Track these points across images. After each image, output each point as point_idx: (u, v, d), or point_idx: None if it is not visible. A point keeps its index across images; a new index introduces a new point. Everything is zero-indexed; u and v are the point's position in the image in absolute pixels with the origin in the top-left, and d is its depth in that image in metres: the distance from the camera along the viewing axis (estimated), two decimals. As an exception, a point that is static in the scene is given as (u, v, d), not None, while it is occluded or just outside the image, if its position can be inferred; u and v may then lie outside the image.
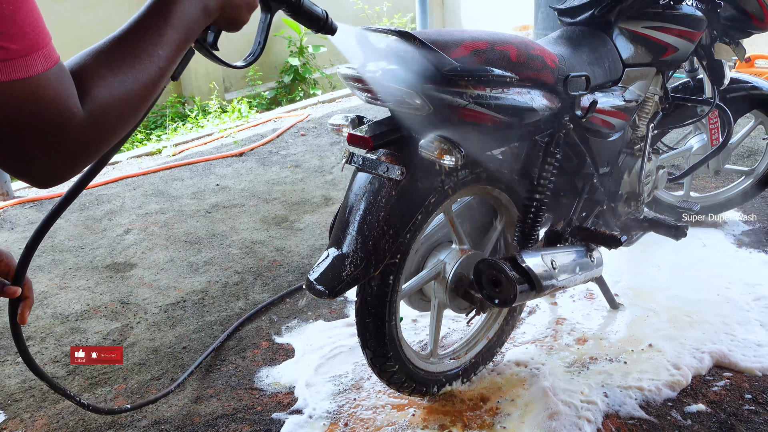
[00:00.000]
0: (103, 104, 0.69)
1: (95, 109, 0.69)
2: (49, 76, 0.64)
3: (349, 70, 1.54)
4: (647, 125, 2.16)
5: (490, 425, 1.85)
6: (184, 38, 0.80)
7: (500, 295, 1.66)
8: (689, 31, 2.09)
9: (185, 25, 0.79)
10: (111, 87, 0.70)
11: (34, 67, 0.62)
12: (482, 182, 1.72)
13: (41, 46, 0.63)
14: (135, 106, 0.74)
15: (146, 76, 0.74)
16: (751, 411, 1.87)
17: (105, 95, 0.70)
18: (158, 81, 0.76)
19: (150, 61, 0.75)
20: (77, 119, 0.67)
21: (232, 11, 0.89)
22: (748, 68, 5.03)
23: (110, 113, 0.71)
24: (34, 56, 0.62)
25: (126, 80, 0.72)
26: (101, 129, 0.70)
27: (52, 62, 0.64)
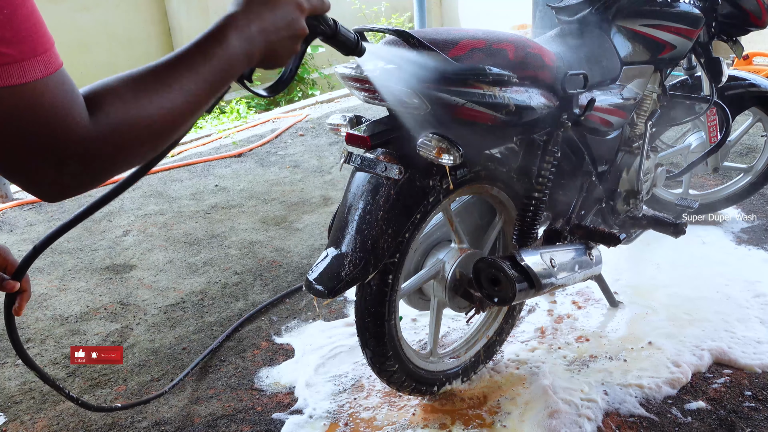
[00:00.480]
0: (116, 121, 0.67)
1: (106, 125, 0.66)
2: (47, 83, 0.61)
3: (348, 70, 1.54)
4: (645, 123, 2.16)
5: (490, 424, 1.85)
6: (221, 78, 0.78)
7: (499, 293, 1.66)
8: (687, 28, 2.09)
9: (225, 66, 0.78)
10: (128, 107, 0.68)
11: (31, 73, 0.60)
12: (481, 181, 1.72)
13: (40, 51, 0.61)
14: (153, 133, 0.71)
15: (171, 106, 0.72)
16: (751, 408, 1.87)
17: (120, 113, 0.67)
18: (185, 114, 0.74)
19: (178, 93, 0.72)
20: (82, 131, 0.64)
21: (273, 59, 0.88)
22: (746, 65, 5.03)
23: (123, 132, 0.68)
24: (32, 61, 0.60)
25: (147, 105, 0.69)
26: (112, 147, 0.67)
27: (53, 69, 0.62)
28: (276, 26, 0.85)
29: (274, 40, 0.85)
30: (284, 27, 0.86)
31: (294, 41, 0.89)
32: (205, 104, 0.77)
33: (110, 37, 5.68)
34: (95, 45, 5.57)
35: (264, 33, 0.83)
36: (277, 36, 0.85)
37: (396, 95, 1.48)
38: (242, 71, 0.83)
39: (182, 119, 0.74)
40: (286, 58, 0.90)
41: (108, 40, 5.67)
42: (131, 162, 0.72)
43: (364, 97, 1.59)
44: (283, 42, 0.87)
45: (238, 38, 0.80)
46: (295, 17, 0.87)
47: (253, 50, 0.82)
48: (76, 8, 5.50)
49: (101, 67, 5.64)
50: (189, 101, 0.73)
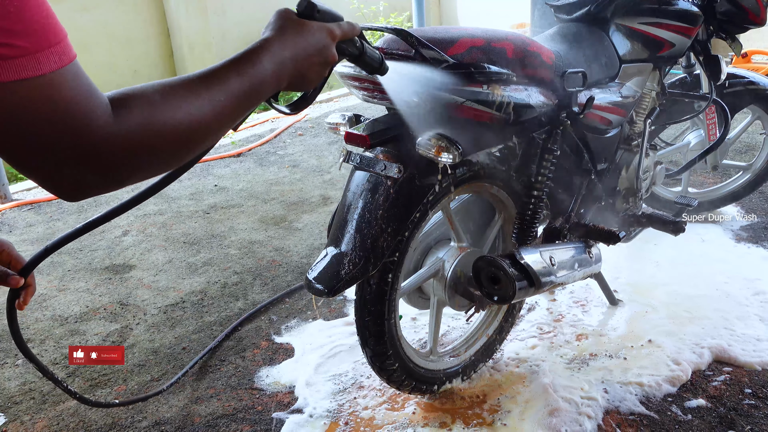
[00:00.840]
0: (141, 122, 0.66)
1: (131, 125, 0.65)
2: (64, 74, 0.59)
3: (347, 69, 1.54)
4: (644, 121, 2.16)
5: (490, 423, 1.85)
6: (250, 97, 0.80)
7: (499, 292, 1.66)
8: (686, 26, 2.09)
9: (255, 86, 0.80)
10: (155, 109, 0.67)
11: (46, 65, 0.58)
12: (480, 179, 1.72)
13: (53, 42, 0.59)
14: (177, 139, 0.70)
15: (199, 115, 0.72)
16: (751, 405, 1.87)
17: (146, 115, 0.66)
18: (211, 126, 0.74)
19: (207, 104, 0.73)
20: (103, 127, 0.62)
21: (301, 82, 0.91)
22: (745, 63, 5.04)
23: (147, 134, 0.67)
24: (46, 53, 0.58)
25: (175, 110, 0.69)
26: (136, 147, 0.66)
27: (68, 60, 0.60)
28: (308, 53, 0.88)
29: (305, 66, 0.88)
30: (316, 54, 0.89)
31: (324, 67, 0.93)
32: (231, 121, 0.78)
33: (109, 38, 5.68)
34: (94, 45, 5.57)
35: (295, 59, 0.86)
36: (309, 62, 0.89)
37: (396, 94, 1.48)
38: (271, 93, 0.85)
39: (207, 131, 0.74)
40: (315, 82, 0.93)
41: (107, 41, 5.67)
42: (152, 167, 0.70)
43: (363, 95, 1.59)
44: (313, 68, 0.90)
45: (270, 62, 0.82)
46: (326, 44, 0.91)
47: (283, 74, 0.85)
48: (76, 8, 5.50)
49: (100, 67, 5.64)
50: (217, 114, 0.74)
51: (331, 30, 0.93)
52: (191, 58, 6.07)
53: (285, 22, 0.88)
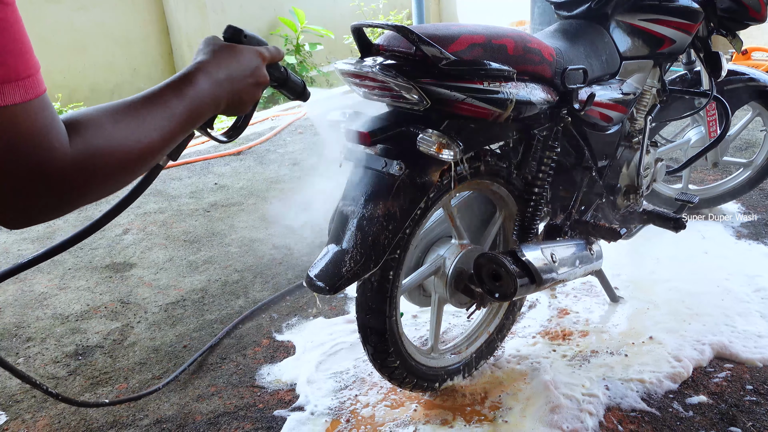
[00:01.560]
0: (93, 149, 0.67)
1: (84, 152, 0.66)
2: (27, 108, 0.60)
3: (347, 66, 1.54)
4: (645, 118, 2.16)
5: (491, 419, 1.85)
6: (190, 118, 0.82)
7: (501, 289, 1.66)
8: (686, 23, 2.09)
9: (194, 107, 0.82)
10: (106, 135, 0.69)
11: (10, 97, 0.58)
12: (481, 176, 1.72)
13: (23, 76, 0.60)
14: (126, 163, 0.72)
15: (145, 139, 0.74)
16: (753, 402, 1.87)
17: (98, 141, 0.68)
18: (155, 148, 0.76)
19: (152, 127, 0.75)
20: (60, 158, 0.63)
21: (238, 105, 0.94)
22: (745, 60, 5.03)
23: (99, 159, 0.68)
24: (12, 85, 0.59)
25: (124, 134, 0.71)
26: (88, 175, 0.67)
27: (34, 94, 0.61)
28: (242, 74, 0.92)
29: (240, 87, 0.92)
30: (249, 75, 0.93)
31: (257, 88, 0.96)
32: (173, 142, 0.79)
33: (108, 37, 5.67)
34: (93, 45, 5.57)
35: (230, 80, 0.89)
36: (243, 83, 0.92)
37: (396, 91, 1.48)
38: (210, 114, 0.87)
39: (152, 153, 0.76)
40: (249, 104, 0.96)
41: (106, 40, 5.66)
42: (100, 192, 0.71)
43: (363, 93, 1.59)
44: (247, 89, 0.94)
45: (207, 82, 0.85)
46: (258, 65, 0.95)
47: (220, 95, 0.87)
48: (74, 8, 5.49)
49: (99, 68, 5.64)
50: (161, 136, 0.76)
51: (260, 52, 0.97)
52: (191, 56, 6.06)
53: (216, 47, 0.91)
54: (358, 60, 1.55)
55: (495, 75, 1.50)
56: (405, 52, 1.51)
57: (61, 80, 5.35)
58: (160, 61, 6.07)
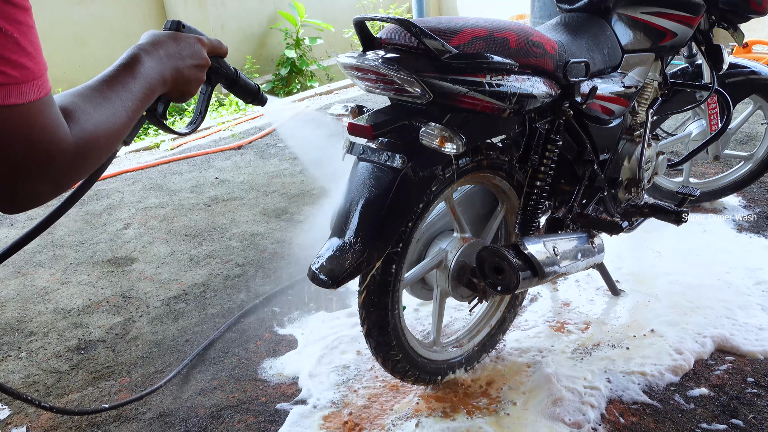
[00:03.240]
0: (87, 133, 0.74)
1: (82, 138, 0.73)
2: (41, 105, 0.66)
3: (350, 59, 1.54)
4: (647, 111, 2.16)
5: (493, 412, 1.86)
6: (147, 95, 0.89)
7: (503, 282, 1.66)
8: (688, 16, 2.09)
9: (147, 84, 0.89)
10: (92, 120, 0.76)
11: (28, 95, 0.64)
12: (483, 170, 1.72)
13: (37, 75, 0.65)
14: (109, 142, 0.79)
15: (119, 119, 0.81)
16: (754, 394, 1.88)
17: (91, 126, 0.75)
18: (126, 126, 0.83)
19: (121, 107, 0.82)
20: (66, 147, 0.70)
21: (183, 84, 1.00)
22: (746, 53, 5.02)
23: (93, 143, 0.75)
24: (30, 84, 0.64)
25: (104, 118, 0.78)
26: (85, 156, 0.74)
27: (45, 92, 0.67)
28: (181, 54, 0.98)
29: (182, 66, 0.98)
30: (189, 55, 1.00)
31: (200, 70, 1.03)
32: (134, 120, 0.86)
33: (107, 31, 5.65)
34: (92, 39, 5.55)
35: (171, 58, 0.96)
36: (184, 63, 0.99)
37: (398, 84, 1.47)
38: (160, 91, 0.94)
39: (124, 130, 0.83)
40: (194, 84, 1.02)
41: (104, 34, 5.64)
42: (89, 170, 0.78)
43: (366, 86, 1.58)
44: (189, 69, 1.00)
45: (151, 60, 0.92)
46: (197, 48, 1.02)
47: (165, 72, 0.94)
48: (73, 2, 5.47)
49: (98, 62, 5.62)
50: (127, 114, 0.83)
51: (199, 38, 1.04)
52: (190, 50, 6.05)
53: (156, 35, 0.98)
54: (361, 53, 1.55)
55: (497, 68, 1.50)
56: (407, 46, 1.50)
57: (60, 74, 5.33)
58: (159, 55, 6.06)
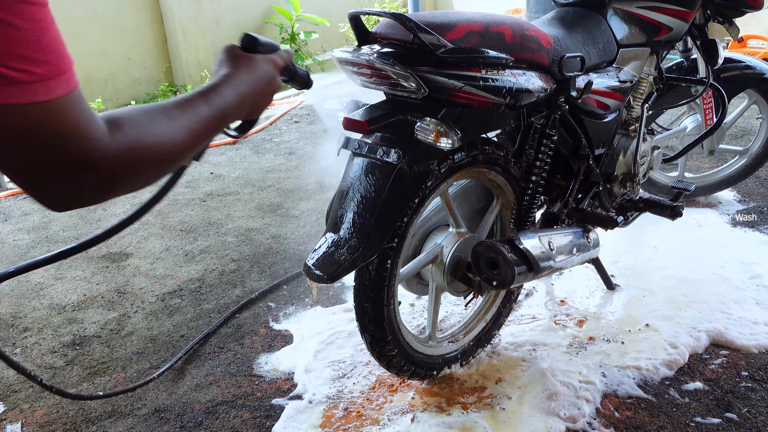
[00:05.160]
0: (132, 140, 0.73)
1: (124, 143, 0.72)
2: (69, 100, 0.65)
3: (345, 54, 1.54)
4: (642, 106, 2.16)
5: (489, 407, 1.86)
6: (216, 123, 0.90)
7: (498, 277, 1.66)
8: (683, 10, 2.09)
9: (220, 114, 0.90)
10: (143, 130, 0.75)
11: (55, 91, 0.64)
12: (478, 165, 1.72)
13: (63, 71, 0.65)
14: (160, 158, 0.78)
15: (177, 137, 0.80)
16: (748, 388, 1.89)
17: (136, 134, 0.74)
18: (186, 147, 0.82)
19: (183, 128, 0.82)
20: (102, 148, 0.69)
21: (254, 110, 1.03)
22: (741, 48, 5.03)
23: (137, 152, 0.74)
24: (56, 80, 0.64)
25: (158, 132, 0.77)
26: (130, 165, 0.73)
27: (73, 87, 0.66)
28: (261, 86, 1.02)
29: (258, 95, 1.01)
30: (266, 85, 1.03)
31: (271, 95, 1.06)
32: (199, 144, 0.86)
33: (101, 26, 5.62)
34: (86, 34, 5.51)
35: (252, 93, 0.99)
36: (261, 93, 1.02)
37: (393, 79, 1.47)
38: (231, 122, 0.97)
39: (182, 151, 0.82)
40: (263, 109, 1.06)
41: (98, 29, 5.61)
42: (137, 182, 0.77)
43: (361, 81, 1.58)
44: (264, 96, 1.04)
45: (232, 94, 0.94)
46: (273, 74, 1.05)
47: (242, 105, 0.97)
48: (67, -4, 5.44)
49: (92, 56, 5.59)
50: (190, 136, 0.83)
51: (275, 61, 1.07)
52: (185, 44, 6.02)
53: (237, 59, 1.01)
54: (356, 48, 1.55)
55: (493, 63, 1.50)
56: (402, 40, 1.50)
57: (54, 69, 5.29)
58: (154, 49, 6.03)
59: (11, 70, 0.60)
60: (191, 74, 6.10)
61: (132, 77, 5.93)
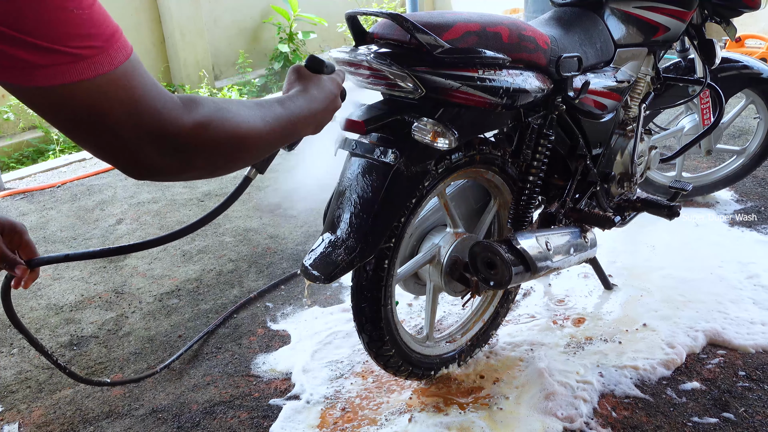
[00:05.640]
0: (209, 117, 0.75)
1: (200, 121, 0.73)
2: (131, 65, 0.67)
3: (342, 54, 1.54)
4: (639, 106, 2.16)
5: (486, 406, 1.86)
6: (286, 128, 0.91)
7: (495, 277, 1.66)
8: (680, 10, 2.09)
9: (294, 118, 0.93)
10: (221, 110, 0.77)
11: (116, 58, 0.66)
12: (475, 165, 1.72)
13: (117, 38, 0.66)
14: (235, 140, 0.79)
15: (253, 125, 0.82)
16: (745, 387, 1.89)
17: (213, 113, 0.76)
18: (261, 137, 0.85)
19: (260, 119, 0.84)
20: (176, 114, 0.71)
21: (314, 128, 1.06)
22: (739, 48, 5.03)
23: (214, 129, 0.75)
24: (114, 49, 0.66)
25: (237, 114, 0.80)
26: (203, 139, 0.74)
27: (129, 51, 0.68)
28: (326, 105, 1.06)
29: (324, 115, 1.06)
30: (331, 104, 1.08)
31: (333, 113, 1.11)
32: (274, 142, 0.89)
33: (99, 25, 5.62)
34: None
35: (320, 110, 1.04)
36: (326, 112, 1.06)
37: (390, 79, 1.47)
38: (300, 135, 1.02)
39: (257, 141, 0.84)
40: (323, 126, 1.10)
41: (97, 28, 5.61)
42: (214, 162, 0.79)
43: (358, 81, 1.58)
44: (328, 113, 1.08)
45: (306, 105, 0.99)
46: (336, 93, 1.10)
47: (310, 123, 1.01)
48: (64, -4, 5.42)
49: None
50: (266, 129, 0.86)
51: (337, 82, 1.12)
52: (183, 44, 6.01)
53: (307, 79, 1.06)
54: (353, 48, 1.55)
55: (490, 63, 1.50)
56: (399, 40, 1.50)
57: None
58: (152, 49, 6.02)
59: (75, 48, 0.62)
60: (189, 74, 6.09)
61: (130, 77, 5.90)
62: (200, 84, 5.96)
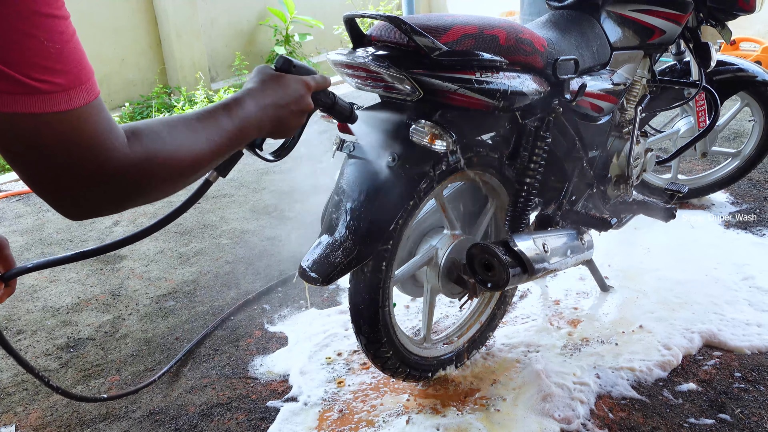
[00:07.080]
0: (151, 150, 0.74)
1: (143, 155, 0.72)
2: (89, 110, 0.66)
3: (340, 56, 1.54)
4: (635, 108, 2.17)
5: (483, 408, 1.86)
6: (238, 137, 0.90)
7: (493, 278, 1.67)
8: (676, 13, 2.10)
9: (242, 127, 0.91)
10: (163, 140, 0.76)
11: (76, 100, 0.65)
12: (473, 167, 1.73)
13: (83, 81, 0.66)
14: (180, 169, 0.79)
15: (197, 149, 0.81)
16: (741, 389, 1.90)
17: (156, 145, 0.75)
18: (206, 159, 0.83)
19: (203, 140, 0.83)
20: (121, 158, 0.70)
21: (282, 130, 1.02)
22: (734, 51, 5.06)
23: (155, 162, 0.74)
24: (77, 90, 0.65)
25: (178, 143, 0.78)
26: (146, 176, 0.73)
27: (94, 96, 0.67)
28: (286, 101, 1.00)
29: (284, 113, 1.00)
30: (293, 102, 1.02)
31: (300, 115, 1.05)
32: (220, 156, 0.87)
33: (95, 27, 5.61)
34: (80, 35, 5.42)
35: (275, 106, 0.98)
36: (287, 110, 1.01)
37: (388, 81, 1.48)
38: (255, 136, 0.96)
39: (202, 162, 0.83)
40: (293, 129, 1.05)
41: (93, 30, 5.60)
42: (155, 193, 0.78)
43: (356, 83, 1.59)
44: (291, 115, 1.02)
45: (254, 107, 0.94)
46: (303, 94, 1.04)
47: (264, 119, 0.96)
48: (61, -3, 5.41)
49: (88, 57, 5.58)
50: (210, 148, 0.84)
51: (306, 82, 1.06)
52: (179, 46, 6.01)
53: (265, 76, 1.01)
54: (351, 51, 1.55)
55: (487, 66, 1.51)
56: (397, 43, 1.51)
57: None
58: (148, 51, 6.02)
59: (33, 80, 0.61)
60: (185, 76, 6.09)
61: (126, 79, 5.91)
62: (196, 86, 5.95)
